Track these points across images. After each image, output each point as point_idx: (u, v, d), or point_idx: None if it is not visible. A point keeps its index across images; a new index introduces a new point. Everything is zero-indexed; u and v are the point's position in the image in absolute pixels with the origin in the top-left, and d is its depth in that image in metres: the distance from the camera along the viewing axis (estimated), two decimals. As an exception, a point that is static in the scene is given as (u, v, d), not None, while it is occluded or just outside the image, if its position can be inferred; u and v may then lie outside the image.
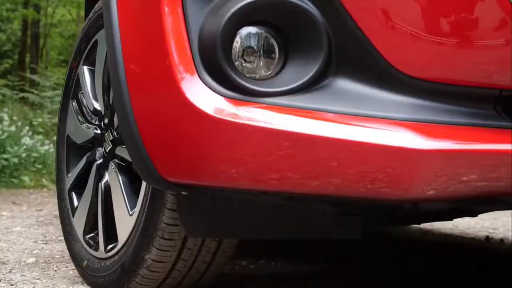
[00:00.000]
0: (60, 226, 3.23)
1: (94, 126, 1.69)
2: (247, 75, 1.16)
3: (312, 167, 1.12)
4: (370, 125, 1.11)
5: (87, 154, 1.71)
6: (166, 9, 1.19)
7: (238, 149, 1.12)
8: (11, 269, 1.95)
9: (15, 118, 7.70)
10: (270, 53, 1.17)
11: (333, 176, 1.13)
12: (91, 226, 1.67)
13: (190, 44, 1.17)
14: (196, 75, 1.16)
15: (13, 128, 7.36)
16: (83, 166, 1.71)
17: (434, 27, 1.11)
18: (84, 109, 1.75)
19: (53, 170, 7.13)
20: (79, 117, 1.74)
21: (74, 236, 1.72)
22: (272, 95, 1.14)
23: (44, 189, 6.66)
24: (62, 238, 2.74)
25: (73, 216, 1.74)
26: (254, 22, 1.16)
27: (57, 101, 8.72)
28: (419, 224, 2.14)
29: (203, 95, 1.15)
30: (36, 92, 8.51)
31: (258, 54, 1.17)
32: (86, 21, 1.73)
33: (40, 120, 7.79)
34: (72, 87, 1.80)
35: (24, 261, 2.11)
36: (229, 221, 1.34)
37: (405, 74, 1.12)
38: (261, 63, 1.17)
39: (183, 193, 1.31)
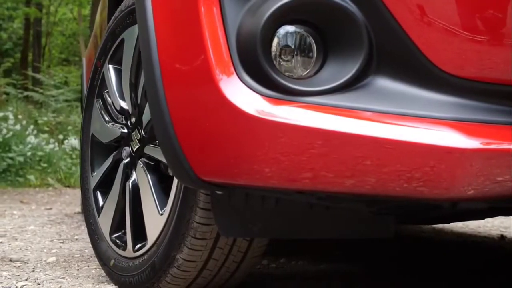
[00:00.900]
0: (73, 226, 3.25)
1: (120, 125, 1.69)
2: (286, 74, 1.15)
3: (350, 166, 1.12)
4: (409, 124, 1.11)
5: (113, 153, 1.70)
6: (203, 8, 1.19)
7: (278, 148, 1.12)
8: (34, 268, 1.94)
9: (20, 117, 7.70)
10: (309, 52, 1.16)
11: (369, 174, 1.13)
12: (117, 225, 1.67)
13: (228, 43, 1.17)
14: (235, 74, 1.16)
15: (18, 127, 7.35)
16: (109, 165, 1.71)
17: (475, 24, 1.11)
18: (109, 108, 1.74)
19: (58, 169, 7.14)
20: (105, 116, 1.74)
21: (100, 235, 1.72)
22: (311, 94, 1.13)
23: (50, 188, 6.66)
24: (77, 237, 2.75)
25: (98, 215, 1.74)
26: (293, 21, 1.16)
27: (61, 100, 8.73)
28: (449, 223, 2.14)
29: (242, 94, 1.14)
30: (40, 91, 8.49)
31: (297, 53, 1.16)
32: (112, 20, 1.72)
33: (45, 119, 7.78)
34: (97, 86, 1.79)
35: (45, 260, 2.10)
36: (262, 221, 1.34)
37: (446, 73, 1.12)
38: (300, 62, 1.17)
39: (218, 192, 1.30)
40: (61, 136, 7.73)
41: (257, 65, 1.14)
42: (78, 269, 1.95)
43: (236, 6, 1.17)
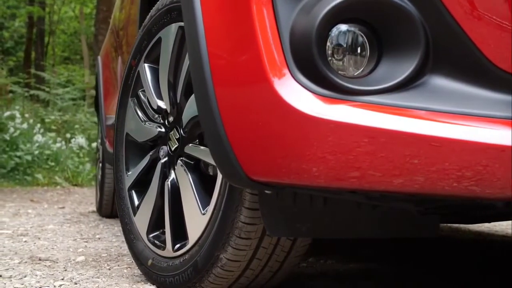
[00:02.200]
0: (91, 225, 3.24)
1: (157, 124, 1.68)
2: (340, 73, 1.15)
3: (399, 164, 1.11)
4: (461, 122, 1.10)
5: (151, 153, 1.69)
6: (255, 8, 1.18)
7: (334, 147, 1.11)
8: (65, 268, 1.94)
9: (27, 115, 7.69)
10: (363, 51, 1.16)
11: (418, 173, 1.12)
12: (154, 224, 1.66)
13: (281, 42, 1.17)
14: (289, 73, 1.16)
15: (25, 126, 7.35)
16: (145, 165, 1.70)
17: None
18: (145, 107, 1.74)
19: (65, 168, 7.13)
20: (141, 115, 1.73)
21: (136, 235, 1.71)
22: (367, 93, 1.13)
23: (58, 187, 6.66)
24: (99, 236, 2.74)
25: (134, 214, 1.73)
26: (347, 20, 1.15)
27: (67, 99, 8.71)
28: (490, 222, 2.13)
29: (296, 93, 1.14)
30: (47, 89, 8.48)
31: (351, 52, 1.16)
32: (147, 18, 1.72)
33: (52, 117, 7.77)
34: (131, 85, 1.79)
35: (74, 260, 2.10)
36: (310, 221, 1.33)
37: (504, 71, 1.11)
38: (354, 61, 1.16)
39: (267, 192, 1.30)
40: (68, 135, 7.72)
41: (311, 64, 1.13)
42: (109, 269, 1.94)
43: (289, 6, 1.17)
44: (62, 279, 1.73)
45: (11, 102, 8.29)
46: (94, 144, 7.89)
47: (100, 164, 3.79)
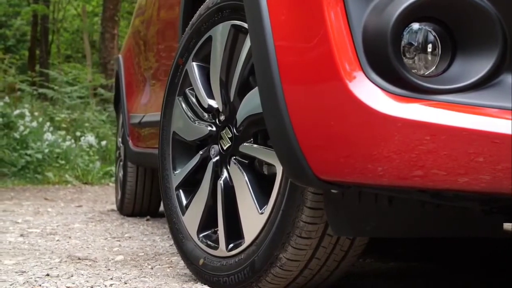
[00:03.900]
0: (115, 223, 3.24)
1: (208, 123, 1.67)
2: (414, 72, 1.14)
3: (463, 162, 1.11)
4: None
5: (201, 152, 1.69)
6: (326, 8, 1.18)
7: (409, 146, 1.11)
8: (107, 267, 1.93)
9: (36, 114, 7.69)
10: (437, 50, 1.15)
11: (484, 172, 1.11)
12: (205, 224, 1.65)
13: (353, 42, 1.16)
14: (361, 72, 1.15)
15: (34, 124, 7.34)
16: (195, 164, 1.69)
17: None
18: (194, 106, 1.73)
19: (76, 166, 7.12)
20: (190, 114, 1.72)
21: (185, 234, 1.71)
22: (442, 92, 1.12)
23: (69, 185, 6.65)
24: (128, 235, 2.74)
25: (183, 214, 1.72)
26: (421, 18, 1.15)
27: (74, 97, 8.70)
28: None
29: (370, 92, 1.14)
30: (56, 87, 8.47)
31: (425, 51, 1.15)
32: (196, 17, 1.71)
33: (62, 116, 7.76)
34: (178, 84, 1.78)
35: (113, 259, 2.09)
36: (375, 220, 1.33)
37: None
38: (428, 60, 1.16)
39: (333, 191, 1.29)
40: (78, 133, 7.71)
41: (386, 63, 1.13)
42: (151, 268, 1.94)
43: (360, 5, 1.17)
44: (111, 279, 1.72)
45: (19, 101, 8.27)
46: (103, 142, 7.88)
47: (121, 163, 3.78)
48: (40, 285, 1.62)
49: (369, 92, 1.13)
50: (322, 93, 1.18)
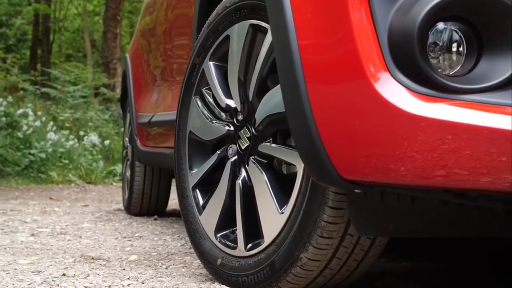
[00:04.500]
0: (124, 223, 3.23)
1: (226, 123, 1.67)
2: (439, 72, 1.14)
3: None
4: None
5: (218, 151, 1.68)
6: (351, 8, 1.17)
7: (433, 146, 1.11)
8: (122, 267, 1.93)
9: (39, 113, 7.68)
10: (463, 49, 1.15)
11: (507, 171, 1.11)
12: (223, 224, 1.65)
13: (378, 41, 1.16)
14: (387, 71, 1.15)
15: (37, 123, 7.34)
16: (213, 163, 1.69)
17: None
18: (210, 106, 1.73)
19: (79, 166, 7.11)
20: (207, 114, 1.72)
21: (202, 234, 1.70)
22: (468, 92, 1.12)
23: (72, 185, 6.65)
24: (138, 234, 2.74)
25: (200, 214, 1.72)
26: (447, 17, 1.15)
27: (77, 96, 8.69)
28: None
29: (395, 91, 1.13)
30: (59, 87, 8.47)
31: (451, 51, 1.15)
32: (213, 17, 1.70)
33: (66, 115, 7.76)
34: (194, 83, 1.78)
35: (127, 259, 2.09)
36: (397, 220, 1.33)
37: None
38: (453, 59, 1.16)
39: (356, 191, 1.29)
40: (81, 133, 7.70)
41: (412, 63, 1.13)
42: (166, 268, 1.94)
43: (385, 5, 1.17)
44: (128, 279, 1.72)
45: (22, 100, 8.27)
46: (106, 142, 7.88)
47: (128, 162, 3.77)
48: (58, 285, 1.62)
49: (395, 91, 1.13)
50: (347, 92, 1.18)
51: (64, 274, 1.76)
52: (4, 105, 7.26)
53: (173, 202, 4.33)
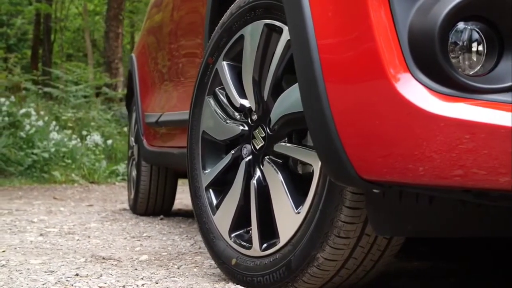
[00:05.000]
0: (131, 222, 3.23)
1: (240, 123, 1.67)
2: (460, 71, 1.14)
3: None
4: None
5: (232, 151, 1.68)
6: (371, 6, 1.17)
7: (455, 145, 1.11)
8: (134, 267, 1.92)
9: (42, 113, 7.68)
10: (484, 49, 1.15)
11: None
12: (237, 223, 1.65)
13: (399, 41, 1.16)
14: (408, 71, 1.15)
15: (40, 123, 7.33)
16: (227, 163, 1.69)
17: None
18: (224, 105, 1.72)
19: (82, 165, 7.11)
20: (221, 114, 1.72)
21: (216, 234, 1.70)
22: (489, 91, 1.12)
23: (76, 184, 6.65)
24: (146, 234, 2.73)
25: (213, 214, 1.72)
26: (468, 17, 1.15)
27: (79, 96, 8.68)
28: None
29: (416, 91, 1.13)
30: (61, 87, 8.46)
31: (471, 50, 1.15)
32: (227, 16, 1.70)
33: (69, 115, 7.75)
34: (208, 83, 1.77)
35: (137, 259, 2.09)
36: (416, 219, 1.32)
37: None
38: (474, 59, 1.16)
39: (375, 191, 1.29)
40: (84, 132, 7.70)
41: (433, 63, 1.13)
42: (178, 268, 1.93)
43: (405, 5, 1.17)
44: (142, 279, 1.71)
45: (24, 100, 8.26)
46: (109, 141, 7.87)
47: (134, 162, 3.77)
48: (72, 285, 1.61)
49: (416, 91, 1.13)
50: (367, 92, 1.18)
51: (77, 274, 1.75)
52: (6, 105, 7.25)
53: (178, 202, 4.33)
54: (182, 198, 4.78)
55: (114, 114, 8.75)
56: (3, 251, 2.19)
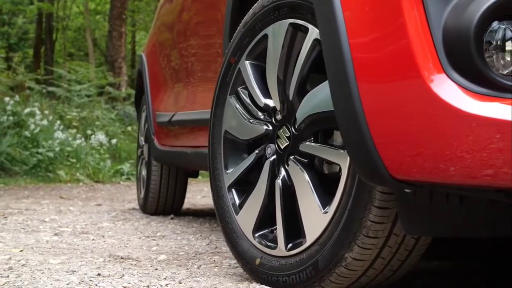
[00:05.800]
0: (142, 222, 3.23)
1: (264, 122, 1.66)
2: (494, 71, 1.14)
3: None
4: None
5: (256, 151, 1.68)
6: (405, 5, 1.17)
7: (486, 145, 1.10)
8: (153, 267, 1.92)
9: (46, 112, 7.67)
10: (518, 48, 1.15)
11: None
12: (262, 223, 1.64)
13: (433, 40, 1.16)
14: (442, 70, 1.15)
15: (45, 122, 7.32)
16: (250, 163, 1.68)
17: None
18: (247, 105, 1.72)
19: (86, 164, 7.10)
20: (244, 113, 1.71)
21: (239, 234, 1.70)
22: (526, 91, 1.12)
23: (81, 183, 6.64)
24: (160, 234, 2.73)
25: (236, 213, 1.71)
26: (502, 16, 1.14)
27: (83, 95, 8.68)
28: None
29: (451, 90, 1.13)
30: (65, 86, 8.46)
31: (506, 49, 1.14)
32: (250, 15, 1.70)
33: (74, 114, 7.75)
34: (230, 83, 1.77)
35: (156, 258, 2.09)
36: (446, 219, 1.32)
37: None
38: (508, 59, 1.15)
39: (406, 190, 1.28)
40: (88, 132, 7.69)
41: (468, 62, 1.13)
42: (198, 267, 1.93)
43: (439, 4, 1.16)
44: (165, 279, 1.71)
45: (28, 99, 8.26)
46: (113, 141, 7.86)
47: (144, 161, 3.76)
48: (96, 285, 1.61)
49: (451, 91, 1.13)
50: (400, 91, 1.18)
51: (99, 274, 1.75)
52: (11, 104, 7.24)
53: (185, 201, 4.33)
54: (189, 198, 4.78)
55: (118, 113, 8.74)
56: (21, 250, 2.19)
